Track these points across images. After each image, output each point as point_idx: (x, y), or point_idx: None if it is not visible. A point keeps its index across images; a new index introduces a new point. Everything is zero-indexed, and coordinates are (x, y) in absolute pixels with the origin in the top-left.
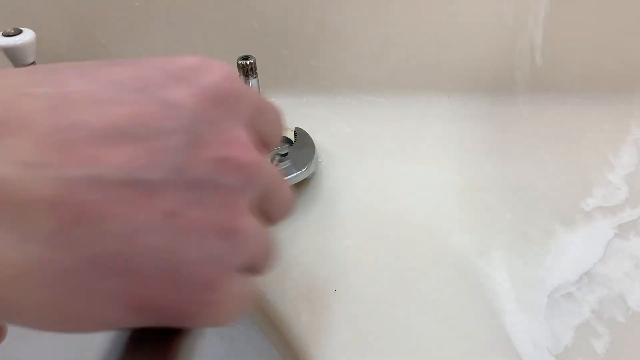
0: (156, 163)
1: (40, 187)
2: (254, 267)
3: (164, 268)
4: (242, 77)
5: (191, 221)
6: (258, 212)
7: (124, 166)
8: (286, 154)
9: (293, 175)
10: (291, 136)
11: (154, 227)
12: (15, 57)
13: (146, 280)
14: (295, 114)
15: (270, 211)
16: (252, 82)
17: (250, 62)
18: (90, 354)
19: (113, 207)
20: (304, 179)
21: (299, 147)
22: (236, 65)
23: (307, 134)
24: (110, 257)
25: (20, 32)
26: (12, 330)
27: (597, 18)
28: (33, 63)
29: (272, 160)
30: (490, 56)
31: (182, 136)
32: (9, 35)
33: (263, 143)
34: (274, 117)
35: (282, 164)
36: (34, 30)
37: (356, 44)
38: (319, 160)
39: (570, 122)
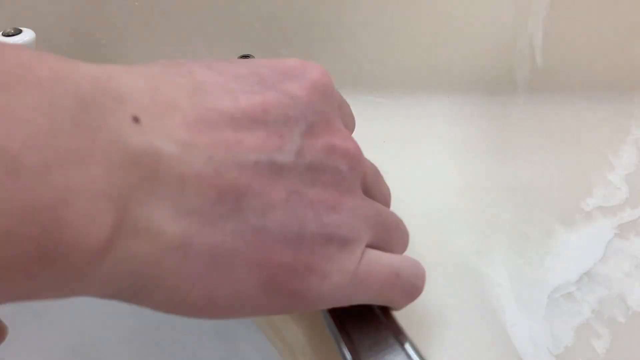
0: (284, 146)
1: (195, 165)
2: (378, 242)
3: (291, 239)
4: None
5: (308, 198)
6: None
7: (260, 149)
8: None
9: None
10: None
11: (282, 203)
12: None
13: (278, 251)
14: None
15: (381, 201)
16: None
17: None
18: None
19: (252, 185)
20: None
21: None
22: None
23: None
24: (251, 231)
25: (20, 32)
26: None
27: (597, 18)
28: None
29: None
30: (490, 56)
31: (302, 123)
32: (9, 35)
33: None
34: (349, 110)
35: None
36: (34, 30)
37: (356, 44)
38: None
39: (570, 122)
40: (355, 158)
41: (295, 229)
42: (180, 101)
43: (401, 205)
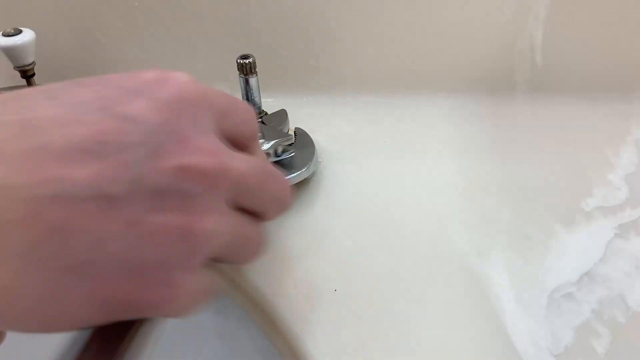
0: (117, 177)
1: (13, 208)
2: (229, 258)
3: (129, 270)
4: (241, 76)
5: (151, 227)
6: (239, 209)
7: (88, 182)
8: (292, 144)
9: (293, 175)
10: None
11: (117, 235)
12: (15, 57)
13: (114, 282)
14: (295, 114)
15: (256, 208)
16: (252, 80)
17: (250, 61)
18: None
19: (80, 220)
20: (304, 179)
21: (299, 147)
22: (236, 65)
23: (307, 134)
24: (81, 266)
25: (20, 32)
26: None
27: (597, 18)
28: (33, 63)
29: (275, 152)
30: (490, 56)
31: (142, 149)
32: (9, 35)
33: (237, 144)
34: (245, 116)
35: (287, 154)
36: (34, 30)
37: (356, 44)
38: (319, 160)
39: (571, 122)
40: (214, 176)
41: (133, 260)
42: (5, 143)
43: (401, 205)
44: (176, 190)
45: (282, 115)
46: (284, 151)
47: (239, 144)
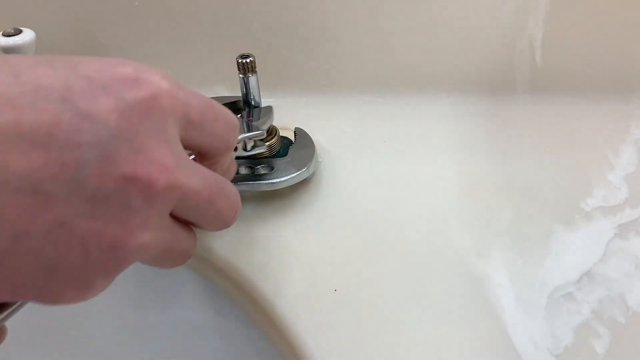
0: (59, 175)
1: None
2: (149, 263)
3: (44, 267)
4: (241, 75)
5: (80, 232)
6: (177, 218)
7: (27, 174)
8: (263, 140)
9: (293, 175)
10: (291, 136)
11: (40, 233)
12: None
13: (25, 275)
14: (295, 114)
15: (197, 222)
16: (252, 80)
17: (249, 60)
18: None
19: (7, 210)
20: (304, 179)
21: (299, 147)
22: (236, 64)
23: (307, 134)
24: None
25: (20, 32)
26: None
27: (597, 18)
28: None
29: (245, 147)
30: (490, 56)
31: (93, 150)
32: (9, 35)
33: (205, 154)
34: (220, 129)
35: (258, 149)
36: (34, 30)
37: (356, 44)
38: (319, 160)
39: (570, 122)
40: (161, 191)
41: (52, 259)
42: None
43: (401, 205)
44: (118, 199)
45: (266, 110)
46: (254, 147)
47: (207, 154)
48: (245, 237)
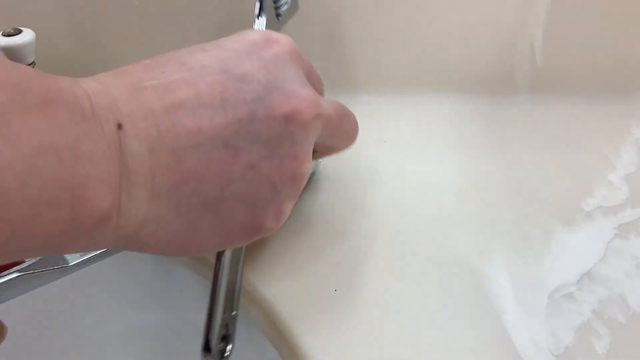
0: (239, 129)
1: (161, 158)
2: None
3: (247, 205)
4: None
5: (264, 171)
6: (322, 147)
7: (217, 134)
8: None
9: None
10: None
11: (239, 177)
12: (15, 57)
13: (235, 215)
14: None
15: (334, 143)
16: None
17: None
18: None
19: (211, 166)
20: None
21: None
22: None
23: None
24: (212, 202)
25: (20, 32)
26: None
27: (597, 18)
28: (33, 63)
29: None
30: (490, 56)
31: (256, 103)
32: (9, 35)
33: (317, 91)
34: (317, 74)
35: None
36: (34, 30)
37: (356, 44)
38: (319, 160)
39: (570, 122)
40: (313, 120)
41: (251, 197)
42: (152, 104)
43: (401, 205)
44: (285, 137)
45: None
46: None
47: (318, 90)
48: None
